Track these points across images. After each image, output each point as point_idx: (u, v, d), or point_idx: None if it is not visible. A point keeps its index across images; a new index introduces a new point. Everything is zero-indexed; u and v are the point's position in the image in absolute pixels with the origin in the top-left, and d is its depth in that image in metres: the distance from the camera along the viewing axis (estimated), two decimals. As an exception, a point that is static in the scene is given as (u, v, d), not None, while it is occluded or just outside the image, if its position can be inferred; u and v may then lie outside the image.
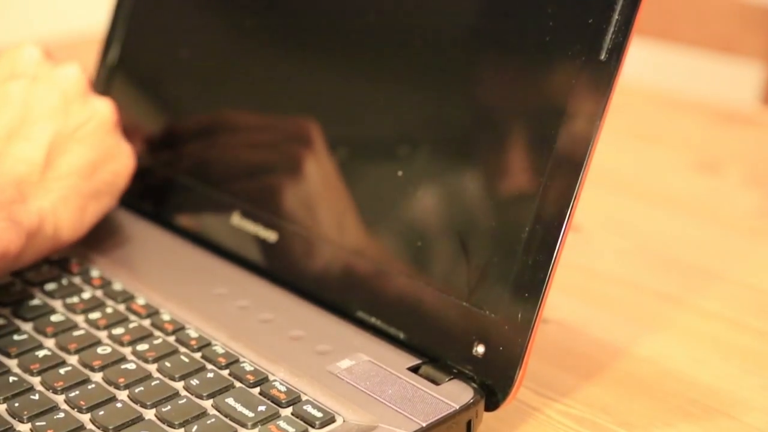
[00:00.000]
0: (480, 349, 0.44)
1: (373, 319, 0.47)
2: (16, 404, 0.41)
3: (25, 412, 0.40)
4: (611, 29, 0.42)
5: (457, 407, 0.42)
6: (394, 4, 0.50)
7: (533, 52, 0.44)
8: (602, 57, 0.42)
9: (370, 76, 0.51)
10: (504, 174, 0.45)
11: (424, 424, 0.40)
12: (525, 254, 0.43)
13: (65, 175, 0.50)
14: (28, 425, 0.40)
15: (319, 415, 0.41)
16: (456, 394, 0.42)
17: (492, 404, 0.43)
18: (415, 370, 0.44)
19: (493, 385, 0.43)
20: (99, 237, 0.54)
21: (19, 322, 0.47)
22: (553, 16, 0.44)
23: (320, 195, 0.51)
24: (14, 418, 0.40)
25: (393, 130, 0.49)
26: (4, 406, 0.41)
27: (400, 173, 0.48)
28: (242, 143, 0.56)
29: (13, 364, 0.44)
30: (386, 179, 0.49)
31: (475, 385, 0.43)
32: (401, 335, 0.46)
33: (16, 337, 0.46)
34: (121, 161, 0.53)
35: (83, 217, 0.51)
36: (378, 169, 0.50)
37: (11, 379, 0.43)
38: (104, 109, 0.52)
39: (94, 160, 0.51)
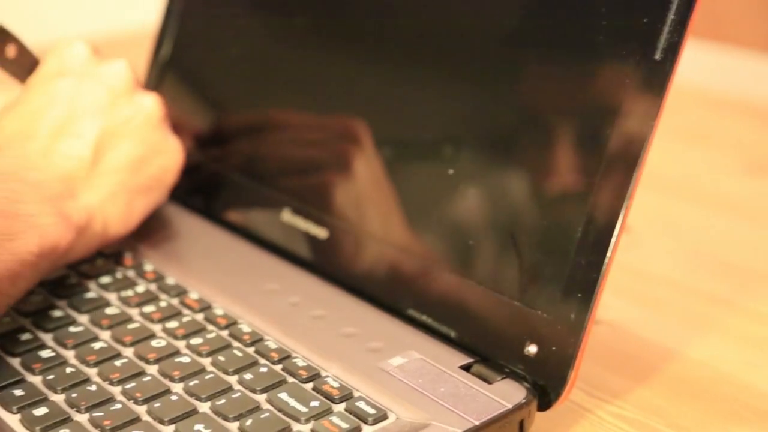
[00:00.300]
0: (532, 348, 0.43)
1: (424, 317, 0.47)
2: (74, 395, 0.42)
3: (83, 403, 0.41)
4: (666, 29, 0.42)
5: (510, 406, 0.42)
6: (443, 3, 0.50)
7: (587, 52, 0.44)
8: (657, 57, 0.42)
9: (420, 75, 0.51)
10: (556, 174, 0.45)
11: (477, 423, 0.40)
12: (578, 254, 0.43)
13: (113, 171, 0.50)
14: (86, 415, 0.41)
15: (372, 411, 0.41)
16: (508, 393, 0.42)
17: (544, 404, 0.43)
18: (466, 368, 0.44)
19: (546, 385, 0.43)
20: (151, 232, 0.55)
21: (75, 314, 0.48)
22: (607, 15, 0.44)
23: (370, 193, 0.52)
24: (72, 408, 0.41)
25: (444, 128, 0.49)
26: (63, 396, 0.42)
27: (451, 172, 0.48)
28: (292, 141, 0.56)
29: (70, 355, 0.45)
30: (437, 178, 0.49)
31: (527, 385, 0.43)
32: (452, 333, 0.46)
33: (72, 329, 0.46)
34: (169, 156, 0.53)
35: (131, 212, 0.51)
36: (429, 167, 0.50)
37: (69, 370, 0.43)
38: (151, 104, 0.52)
39: (141, 156, 0.51)
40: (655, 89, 0.42)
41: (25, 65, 0.53)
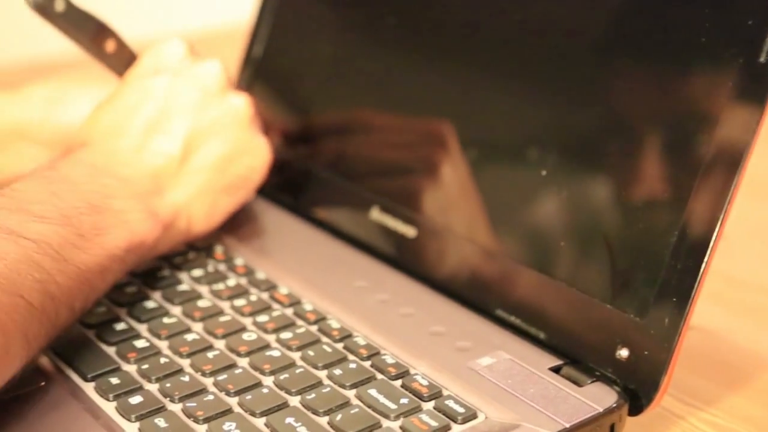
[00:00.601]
0: (623, 352, 0.43)
1: (512, 318, 0.47)
2: (168, 385, 0.42)
3: (177, 393, 0.42)
4: (772, 30, 0.41)
5: (601, 410, 0.41)
6: (535, 5, 0.50)
7: (688, 54, 0.43)
8: (762, 59, 0.41)
9: (512, 78, 0.50)
10: (652, 177, 0.44)
11: (567, 425, 0.40)
12: (673, 259, 0.42)
13: (200, 170, 0.51)
14: (180, 405, 0.41)
15: (462, 410, 0.41)
16: (599, 396, 0.42)
17: (635, 409, 0.42)
18: (556, 370, 0.44)
19: (637, 390, 0.42)
20: (242, 227, 0.56)
21: (168, 306, 0.49)
22: (709, 17, 0.43)
23: (459, 193, 0.52)
24: (166, 398, 0.42)
25: (535, 131, 0.49)
26: (157, 385, 0.43)
27: (543, 173, 0.48)
28: (381, 140, 0.57)
29: (164, 345, 0.45)
30: (528, 180, 0.48)
31: (618, 389, 0.42)
32: (541, 335, 0.46)
33: (166, 320, 0.47)
34: (256, 155, 0.54)
35: (215, 210, 0.52)
36: (520, 169, 0.49)
37: (162, 360, 0.44)
38: (240, 104, 0.53)
39: (229, 155, 0.52)
40: (760, 93, 0.41)
41: (123, 60, 0.54)
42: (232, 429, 0.40)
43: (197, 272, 0.51)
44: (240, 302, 0.49)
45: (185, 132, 0.51)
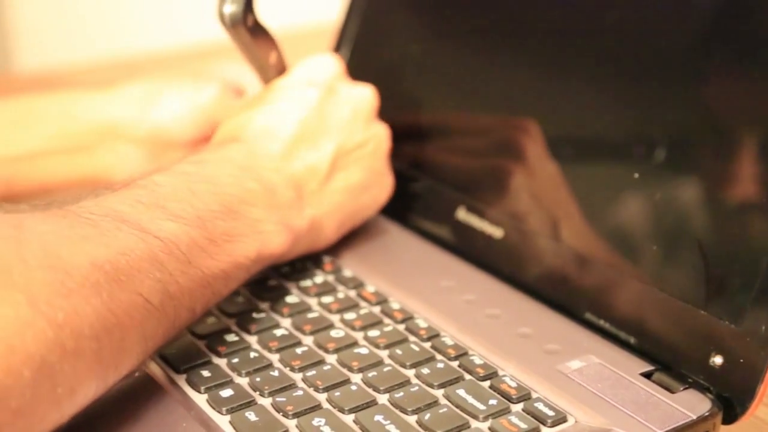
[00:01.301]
0: (717, 359, 0.42)
1: (602, 322, 0.47)
2: (258, 379, 0.43)
3: (266, 387, 0.42)
4: None
5: (695, 417, 0.40)
6: (630, 5, 0.49)
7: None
8: None
9: (603, 80, 0.50)
10: (750, 180, 0.43)
11: (660, 432, 0.40)
12: (771, 265, 0.41)
13: (339, 191, 0.51)
14: (269, 399, 0.42)
15: (551, 413, 0.41)
16: (692, 403, 0.41)
17: (729, 418, 0.41)
18: (647, 376, 0.43)
19: (731, 398, 0.41)
20: (328, 224, 0.56)
21: (257, 302, 0.49)
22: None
23: (547, 194, 0.51)
24: (256, 392, 0.42)
25: (628, 133, 0.48)
26: (247, 379, 0.43)
27: (636, 176, 0.47)
28: (468, 141, 0.56)
29: (253, 340, 0.46)
30: (620, 182, 0.48)
31: (711, 396, 0.42)
32: (632, 340, 0.45)
33: (255, 315, 0.48)
34: (383, 189, 0.54)
35: (337, 232, 0.53)
36: (612, 171, 0.49)
37: (252, 354, 0.45)
38: (382, 135, 0.54)
39: (364, 182, 0.53)
40: None
41: (276, 70, 0.55)
42: (322, 425, 0.40)
43: (285, 269, 0.52)
44: (327, 299, 0.49)
45: (334, 150, 0.51)
